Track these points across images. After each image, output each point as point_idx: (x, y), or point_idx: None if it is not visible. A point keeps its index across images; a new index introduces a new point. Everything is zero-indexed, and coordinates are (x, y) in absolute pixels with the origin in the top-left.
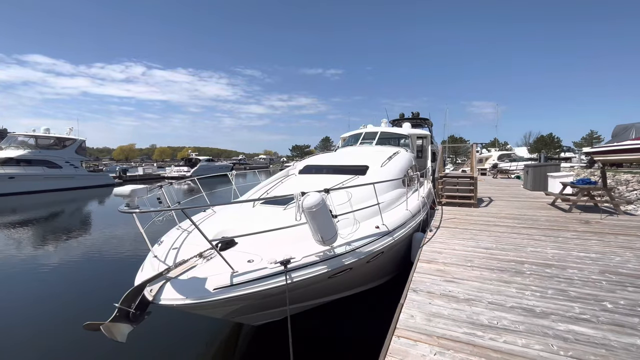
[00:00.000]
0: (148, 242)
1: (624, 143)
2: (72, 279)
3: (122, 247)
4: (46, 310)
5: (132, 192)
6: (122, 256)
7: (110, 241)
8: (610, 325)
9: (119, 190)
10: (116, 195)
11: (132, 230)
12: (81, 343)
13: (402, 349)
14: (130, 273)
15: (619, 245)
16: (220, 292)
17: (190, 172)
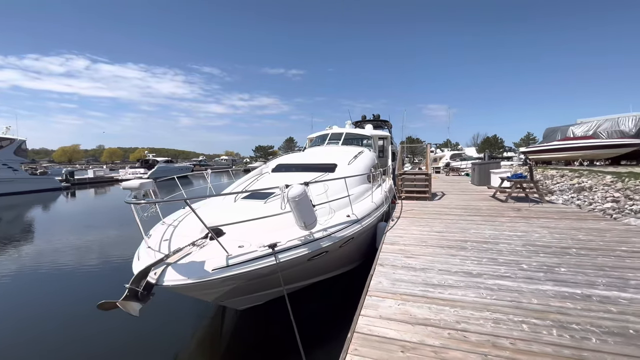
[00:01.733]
0: (143, 232)
1: (551, 144)
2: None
3: (85, 255)
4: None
5: (141, 185)
6: (83, 266)
7: (71, 249)
8: (524, 278)
9: (128, 184)
10: (125, 188)
11: (87, 237)
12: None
13: (374, 303)
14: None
15: (540, 225)
16: (218, 272)
17: (147, 174)
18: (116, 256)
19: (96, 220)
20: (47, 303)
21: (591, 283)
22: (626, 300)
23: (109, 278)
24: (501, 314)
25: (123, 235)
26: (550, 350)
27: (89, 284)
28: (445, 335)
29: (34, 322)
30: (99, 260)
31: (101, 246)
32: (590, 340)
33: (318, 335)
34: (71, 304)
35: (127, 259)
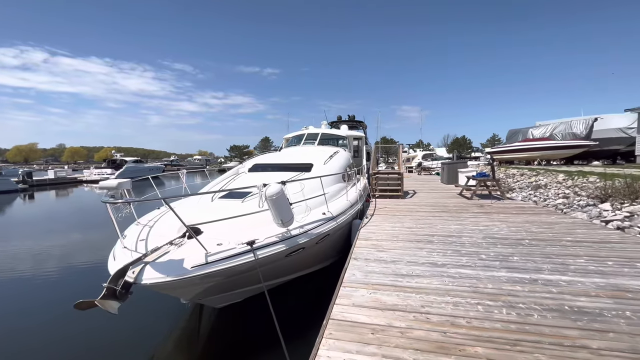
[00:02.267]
0: (119, 232)
1: (513, 145)
2: None
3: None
4: None
5: (119, 184)
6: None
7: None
8: (482, 267)
9: (105, 184)
10: (102, 188)
11: (53, 241)
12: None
13: (347, 293)
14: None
15: (499, 220)
16: (197, 269)
17: (114, 174)
18: (85, 260)
19: (59, 224)
20: (13, 310)
21: (538, 269)
22: (565, 282)
23: (79, 281)
24: (460, 298)
25: (90, 239)
26: (499, 326)
27: (57, 288)
28: (410, 318)
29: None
30: (68, 264)
31: (68, 250)
32: (533, 316)
33: (297, 328)
34: (40, 309)
35: (97, 261)
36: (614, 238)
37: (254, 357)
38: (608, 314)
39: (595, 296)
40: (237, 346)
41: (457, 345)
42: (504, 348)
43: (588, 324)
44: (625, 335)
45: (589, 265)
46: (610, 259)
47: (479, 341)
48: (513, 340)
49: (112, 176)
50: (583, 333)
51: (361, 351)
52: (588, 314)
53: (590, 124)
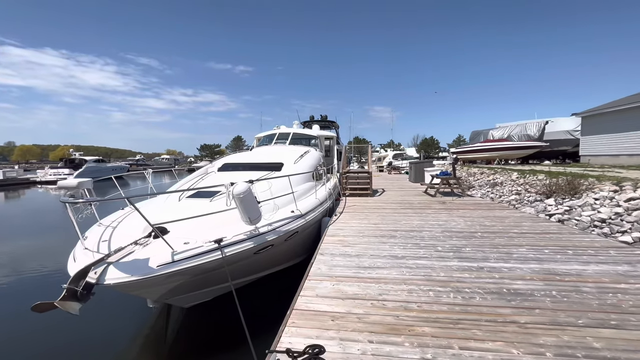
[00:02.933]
0: (79, 233)
1: (475, 145)
2: None
3: None
4: None
5: (80, 184)
6: None
7: None
8: (437, 258)
9: (65, 183)
10: (62, 187)
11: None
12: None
13: (312, 285)
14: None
15: (458, 215)
16: (164, 268)
17: (73, 175)
18: (41, 264)
19: (10, 227)
20: None
21: (486, 258)
22: (507, 269)
23: (34, 286)
24: (415, 286)
25: (46, 242)
26: (445, 308)
27: (11, 295)
28: (368, 305)
29: None
30: (22, 269)
31: (22, 254)
32: (475, 299)
33: (266, 322)
34: None
35: (54, 265)
36: (553, 229)
37: (222, 354)
38: (538, 294)
39: (530, 279)
40: (206, 345)
41: (408, 326)
42: (447, 327)
43: (520, 303)
44: (548, 310)
45: (529, 254)
46: (548, 247)
47: (427, 322)
48: (456, 319)
49: (71, 177)
50: (515, 311)
51: (321, 336)
52: (521, 295)
53: (542, 127)
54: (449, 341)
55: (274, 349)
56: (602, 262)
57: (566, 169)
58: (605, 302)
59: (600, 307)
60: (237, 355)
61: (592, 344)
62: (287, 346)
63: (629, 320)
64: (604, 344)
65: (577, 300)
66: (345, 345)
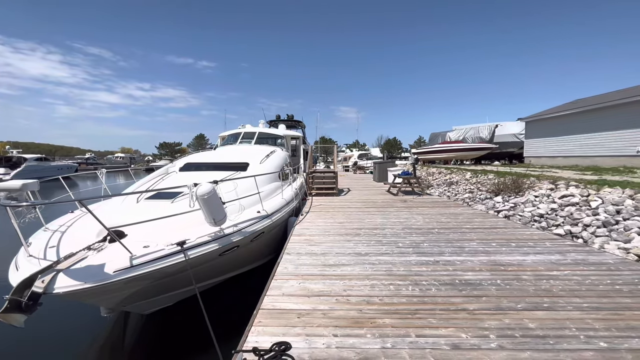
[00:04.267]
0: (22, 239)
1: (434, 146)
2: None
3: None
4: None
5: (24, 185)
6: None
7: None
8: (398, 254)
9: (7, 185)
10: (3, 189)
11: None
12: None
13: (278, 285)
14: None
15: (417, 213)
16: (121, 274)
17: (10, 174)
18: None
19: None
20: None
21: (441, 252)
22: (459, 262)
23: None
24: (377, 281)
25: None
26: (404, 300)
27: None
28: (333, 301)
29: None
30: None
31: None
32: (431, 290)
33: (232, 324)
34: None
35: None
36: (500, 224)
37: (187, 358)
38: (485, 283)
39: (479, 270)
40: (169, 351)
41: (370, 319)
42: (406, 317)
43: (470, 292)
44: (493, 297)
45: (478, 247)
46: (495, 241)
47: (388, 314)
48: (414, 310)
49: (7, 176)
50: (465, 299)
51: (287, 333)
52: (471, 285)
53: (493, 130)
54: (407, 330)
55: (240, 349)
56: (539, 252)
57: (512, 169)
58: (540, 288)
59: (535, 293)
60: (202, 358)
61: (528, 324)
62: (253, 345)
63: (557, 302)
64: (537, 324)
65: (517, 287)
66: (311, 340)
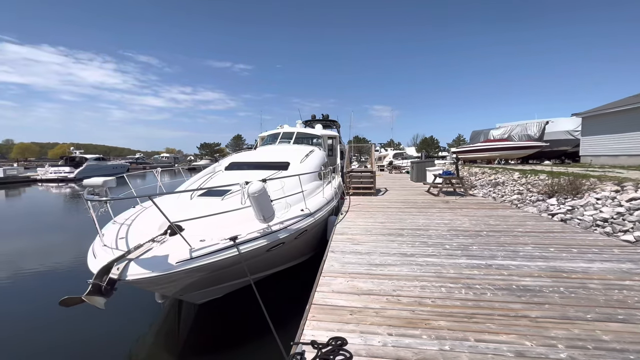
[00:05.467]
0: (99, 230)
1: (475, 145)
2: None
3: None
4: None
5: (104, 182)
6: None
7: None
8: (445, 255)
9: (91, 181)
10: (87, 185)
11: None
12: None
13: (327, 282)
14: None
15: (462, 214)
16: (182, 265)
17: (74, 173)
18: (56, 261)
19: (16, 225)
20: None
21: (493, 256)
22: (514, 266)
23: (44, 283)
24: (427, 282)
25: (53, 239)
26: (458, 303)
27: (25, 291)
28: (384, 300)
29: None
30: (37, 266)
31: (32, 252)
32: (486, 295)
33: (278, 317)
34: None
35: (67, 262)
36: (557, 228)
37: (240, 347)
38: (546, 290)
39: (538, 276)
40: (220, 339)
41: (424, 320)
42: (462, 320)
43: (530, 298)
44: (557, 305)
45: (534, 252)
46: (552, 245)
47: (442, 316)
48: (469, 314)
49: (71, 175)
50: (525, 306)
51: (342, 329)
52: (530, 291)
53: (543, 127)
54: (465, 334)
55: (299, 341)
56: (606, 260)
57: (567, 169)
58: (612, 298)
59: (607, 303)
60: (255, 347)
61: (601, 336)
62: (310, 338)
63: (635, 315)
64: (612, 336)
65: (584, 296)
66: (366, 337)
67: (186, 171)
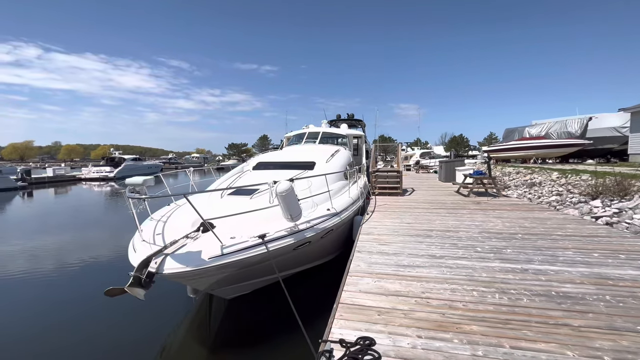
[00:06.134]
0: (138, 226)
1: (509, 143)
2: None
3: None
4: None
5: (144, 181)
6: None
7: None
8: (477, 258)
9: (132, 180)
10: (128, 184)
11: (64, 237)
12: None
13: (354, 281)
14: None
15: (495, 216)
16: (214, 260)
17: (113, 172)
18: (98, 254)
19: (64, 221)
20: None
21: (529, 260)
22: (553, 272)
23: (91, 274)
24: (457, 285)
25: (97, 234)
26: (491, 308)
27: (74, 284)
28: (412, 302)
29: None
30: (85, 258)
31: (78, 246)
32: (522, 300)
33: (304, 314)
34: (53, 303)
35: (107, 255)
36: (602, 232)
37: (266, 341)
38: (590, 298)
39: (580, 283)
40: (251, 333)
41: (455, 324)
42: (496, 326)
43: (571, 306)
44: (603, 315)
45: (576, 257)
46: (596, 251)
47: (474, 320)
48: (504, 319)
49: (111, 174)
50: (566, 314)
51: (370, 329)
52: (572, 298)
53: (585, 123)
54: (499, 340)
55: (327, 339)
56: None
57: (614, 168)
58: None
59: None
60: (282, 342)
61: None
62: (338, 337)
63: None
64: None
65: (634, 306)
66: (394, 339)
67: (215, 171)
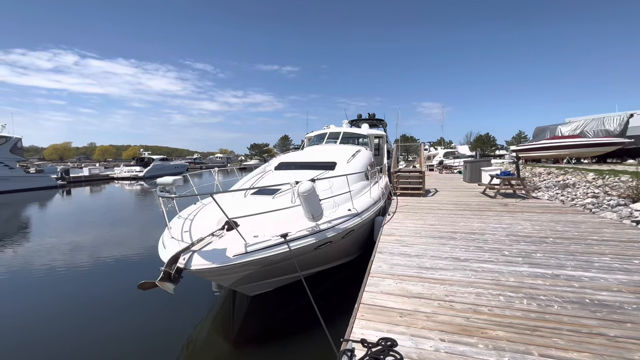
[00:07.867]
0: (168, 223)
1: (540, 142)
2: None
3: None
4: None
5: (174, 181)
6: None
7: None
8: (504, 262)
9: (163, 180)
10: (159, 184)
11: (102, 233)
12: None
13: (375, 282)
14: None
15: (523, 218)
16: (238, 258)
17: (143, 172)
18: (130, 251)
19: (99, 217)
20: (71, 296)
21: (561, 265)
22: (587, 278)
23: (124, 269)
24: (482, 289)
25: (129, 231)
26: (519, 314)
27: (110, 278)
28: (435, 305)
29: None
30: (117, 254)
31: (113, 242)
32: (553, 307)
33: (325, 313)
34: (87, 296)
35: (137, 252)
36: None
37: (287, 338)
38: (628, 307)
39: (617, 291)
40: (272, 329)
41: (480, 328)
42: (524, 333)
43: (607, 315)
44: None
45: (613, 263)
46: (637, 257)
47: (500, 326)
48: (532, 326)
49: (141, 174)
50: (601, 322)
51: (391, 330)
52: (608, 307)
53: (625, 120)
54: (527, 347)
55: (348, 338)
56: None
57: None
58: None
59: None
60: (304, 340)
61: None
62: (359, 337)
63: None
64: None
65: None
66: (416, 341)
67: (238, 170)
